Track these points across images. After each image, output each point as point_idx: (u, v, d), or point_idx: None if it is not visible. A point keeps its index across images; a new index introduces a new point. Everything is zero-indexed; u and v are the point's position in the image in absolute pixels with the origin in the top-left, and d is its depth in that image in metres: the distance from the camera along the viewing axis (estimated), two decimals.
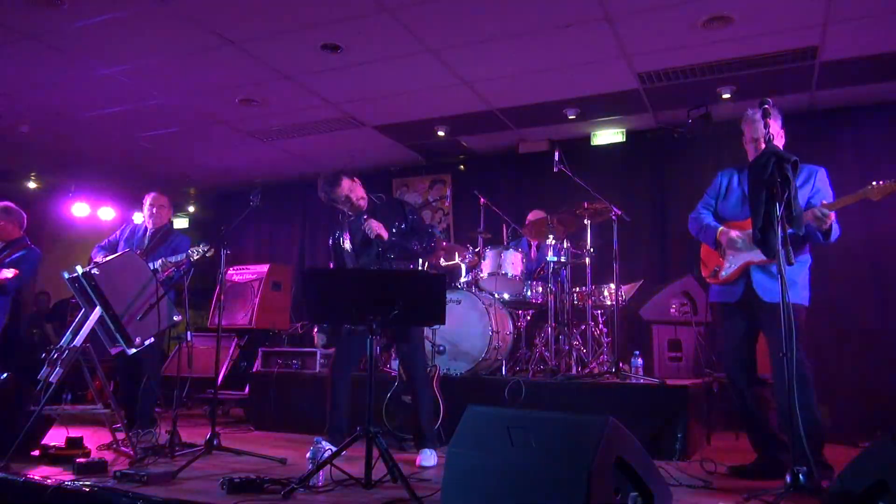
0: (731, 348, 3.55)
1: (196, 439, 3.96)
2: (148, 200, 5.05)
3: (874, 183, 3.04)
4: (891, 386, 5.33)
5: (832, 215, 3.15)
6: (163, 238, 4.88)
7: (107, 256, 4.28)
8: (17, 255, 4.67)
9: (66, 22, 4.63)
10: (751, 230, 3.13)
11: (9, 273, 4.46)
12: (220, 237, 4.09)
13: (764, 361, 3.54)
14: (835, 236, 3.27)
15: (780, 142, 3.39)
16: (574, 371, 4.85)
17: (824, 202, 3.19)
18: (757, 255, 3.27)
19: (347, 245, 4.04)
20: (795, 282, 3.28)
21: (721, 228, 3.49)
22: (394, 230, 3.93)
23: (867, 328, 5.61)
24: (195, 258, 4.27)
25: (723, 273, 3.49)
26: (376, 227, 3.84)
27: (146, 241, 4.89)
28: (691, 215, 3.73)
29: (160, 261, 4.52)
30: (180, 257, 4.43)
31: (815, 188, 3.38)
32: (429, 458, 3.70)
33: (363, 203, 3.98)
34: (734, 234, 3.42)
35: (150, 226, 4.99)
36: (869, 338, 5.58)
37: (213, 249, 4.23)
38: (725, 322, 3.58)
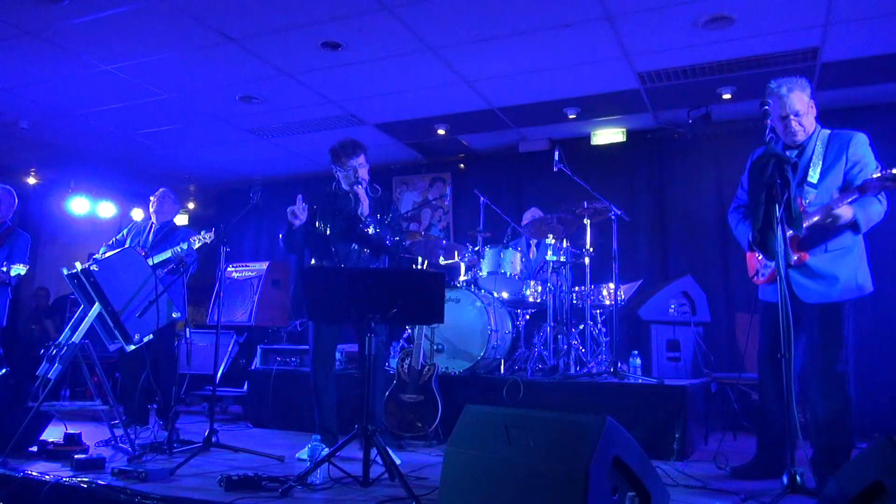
0: (766, 345, 3.33)
1: (194, 436, 3.96)
2: (154, 196, 5.07)
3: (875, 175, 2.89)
4: (888, 387, 5.34)
5: (848, 211, 2.95)
6: (167, 234, 4.88)
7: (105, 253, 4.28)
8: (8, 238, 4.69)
9: (66, 18, 4.62)
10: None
11: (21, 269, 4.42)
12: (219, 234, 4.09)
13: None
14: (878, 215, 3.04)
15: (811, 114, 3.19)
16: (572, 370, 4.85)
17: (844, 202, 2.95)
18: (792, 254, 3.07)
19: (328, 231, 3.90)
20: (837, 276, 3.06)
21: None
22: (378, 217, 3.86)
23: (864, 328, 5.60)
24: (197, 246, 4.27)
25: (762, 274, 3.28)
26: (362, 196, 3.76)
27: (150, 238, 4.89)
28: (730, 212, 3.53)
29: (176, 247, 4.50)
30: (184, 246, 4.44)
31: (852, 163, 3.07)
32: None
33: (363, 183, 3.84)
34: None
35: (155, 221, 5.00)
36: (865, 338, 5.57)
37: (213, 234, 4.24)
38: (764, 321, 3.36)
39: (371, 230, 3.74)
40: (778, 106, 3.15)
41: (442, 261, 5.60)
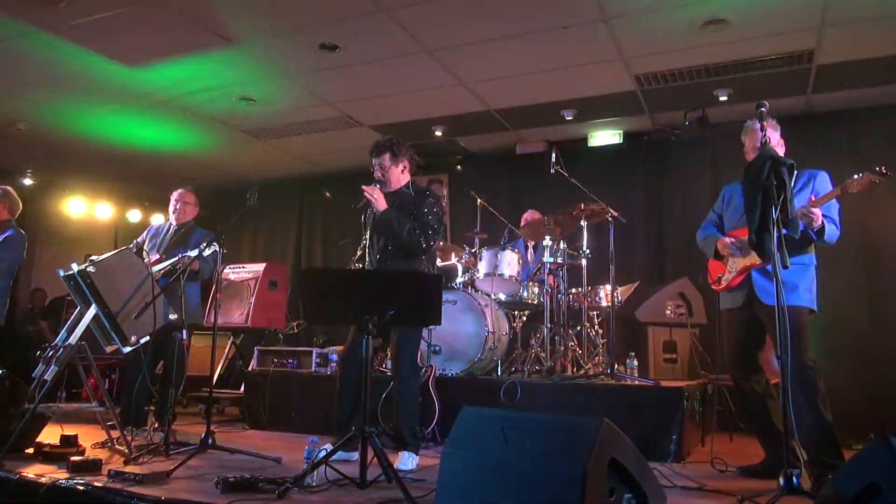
0: (733, 352, 3.62)
1: (191, 438, 3.95)
2: (173, 197, 5.03)
3: (855, 176, 3.11)
4: (883, 389, 5.35)
5: (820, 213, 3.18)
6: (183, 236, 4.86)
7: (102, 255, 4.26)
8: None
9: (64, 18, 4.61)
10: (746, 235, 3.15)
11: None
12: (217, 235, 4.08)
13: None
14: (833, 236, 3.30)
15: (780, 151, 3.42)
16: (569, 372, 4.86)
17: (812, 198, 3.24)
18: (753, 259, 3.29)
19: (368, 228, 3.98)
20: (797, 284, 3.32)
21: (719, 237, 3.58)
22: (410, 213, 3.79)
23: (860, 331, 5.63)
24: (206, 254, 4.26)
25: (724, 280, 3.54)
26: (369, 192, 3.72)
27: (167, 239, 4.86)
28: (698, 229, 3.82)
29: (180, 256, 4.44)
30: (194, 253, 4.41)
31: (815, 191, 3.40)
32: (406, 461, 3.54)
33: (388, 184, 3.89)
34: (728, 240, 3.51)
35: (174, 222, 4.98)
36: (861, 340, 5.59)
37: (212, 244, 4.22)
38: (729, 326, 3.65)
39: (394, 223, 3.69)
40: (752, 139, 3.43)
41: (439, 262, 5.60)
